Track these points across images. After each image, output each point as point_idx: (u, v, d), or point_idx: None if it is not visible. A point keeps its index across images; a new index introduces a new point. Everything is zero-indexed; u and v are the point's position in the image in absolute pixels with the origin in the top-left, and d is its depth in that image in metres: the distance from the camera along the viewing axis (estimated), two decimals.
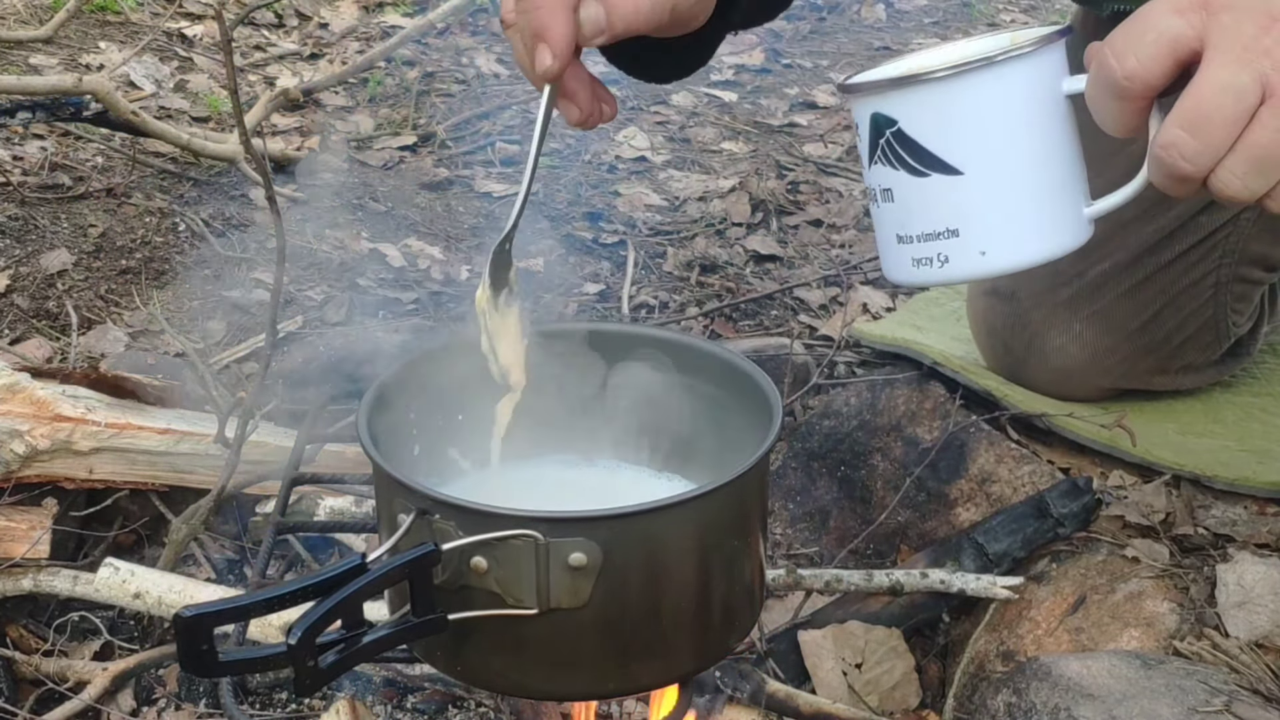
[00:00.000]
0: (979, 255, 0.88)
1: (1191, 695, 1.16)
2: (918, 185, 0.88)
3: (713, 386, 1.06)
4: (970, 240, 0.88)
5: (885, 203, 0.91)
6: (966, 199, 0.87)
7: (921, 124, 0.86)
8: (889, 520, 1.58)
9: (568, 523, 0.83)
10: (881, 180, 0.90)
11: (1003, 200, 0.87)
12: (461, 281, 2.25)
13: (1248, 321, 1.71)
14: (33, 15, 3.11)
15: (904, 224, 0.90)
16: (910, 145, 0.87)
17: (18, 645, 1.45)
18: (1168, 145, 0.79)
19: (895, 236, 0.91)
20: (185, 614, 0.77)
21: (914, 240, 0.90)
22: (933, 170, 0.87)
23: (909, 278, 0.91)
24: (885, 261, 0.94)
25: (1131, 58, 0.79)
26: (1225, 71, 0.77)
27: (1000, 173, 0.86)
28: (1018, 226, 0.88)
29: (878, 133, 0.89)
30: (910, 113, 0.87)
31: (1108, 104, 0.82)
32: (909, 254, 0.90)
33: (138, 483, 1.52)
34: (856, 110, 0.91)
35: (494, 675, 0.91)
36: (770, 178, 2.78)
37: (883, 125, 0.88)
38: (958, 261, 0.89)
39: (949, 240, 0.88)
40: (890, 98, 0.87)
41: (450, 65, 3.40)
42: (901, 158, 0.88)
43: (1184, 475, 1.57)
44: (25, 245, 2.14)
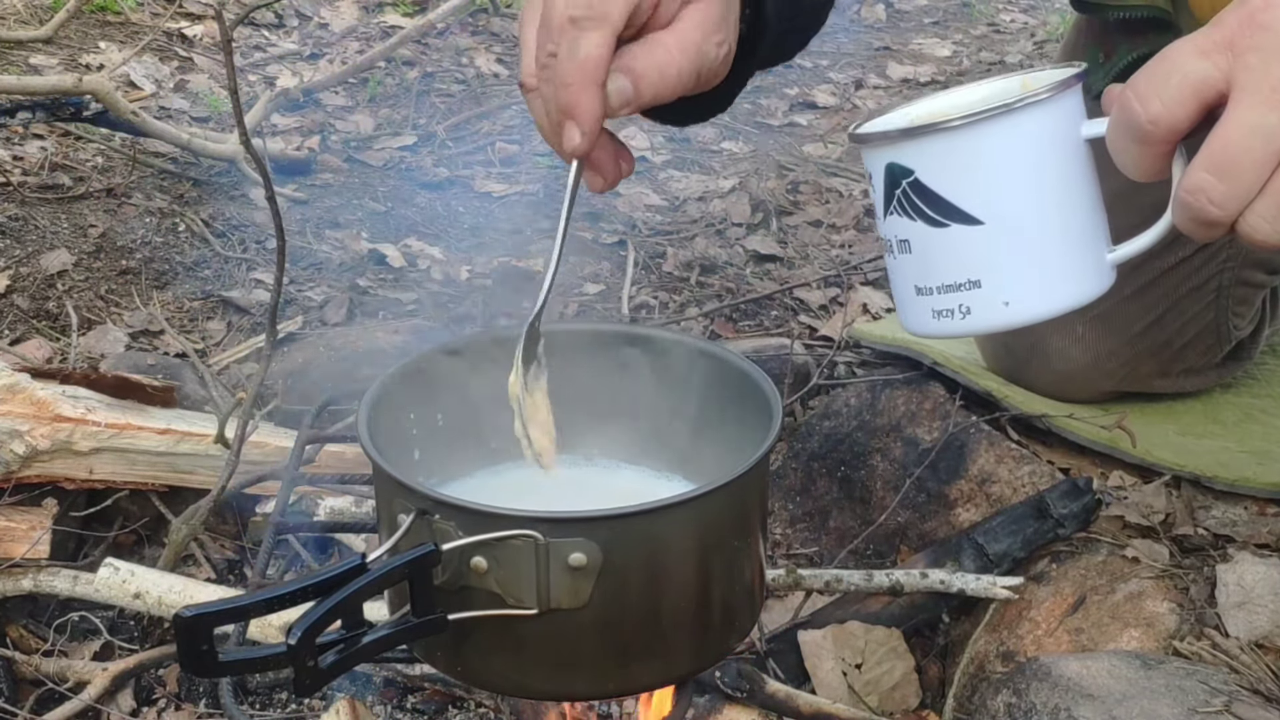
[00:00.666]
0: (1003, 306, 0.86)
1: (1191, 695, 1.16)
2: (937, 236, 0.85)
3: (713, 386, 1.06)
4: (993, 291, 0.85)
5: (902, 254, 0.88)
6: (988, 249, 0.85)
7: (939, 174, 0.84)
8: (889, 520, 1.58)
9: (568, 523, 0.83)
10: (898, 231, 0.87)
11: (1026, 250, 0.85)
12: (461, 281, 2.25)
13: (1249, 325, 1.71)
14: (33, 15, 3.11)
15: (923, 275, 0.87)
16: (928, 195, 0.85)
17: (18, 645, 1.45)
18: (1194, 190, 0.77)
19: (914, 288, 0.88)
20: (185, 614, 0.77)
21: (934, 292, 0.87)
22: (952, 221, 0.85)
23: (930, 329, 0.89)
24: (904, 313, 0.92)
25: (1156, 101, 0.77)
26: (1253, 114, 0.75)
27: (1022, 222, 0.84)
28: (1042, 276, 0.86)
29: (893, 183, 0.86)
30: (927, 162, 0.84)
31: (1130, 148, 0.79)
32: (929, 305, 0.88)
33: (138, 483, 1.52)
34: (870, 160, 0.88)
35: (494, 675, 0.90)
36: (770, 178, 2.78)
37: (898, 175, 0.86)
38: (980, 313, 0.86)
39: (971, 291, 0.86)
40: (905, 147, 0.85)
41: (450, 65, 3.40)
42: (919, 208, 0.85)
43: (1184, 476, 1.57)
44: (25, 245, 2.14)
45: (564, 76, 0.88)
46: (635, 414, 1.11)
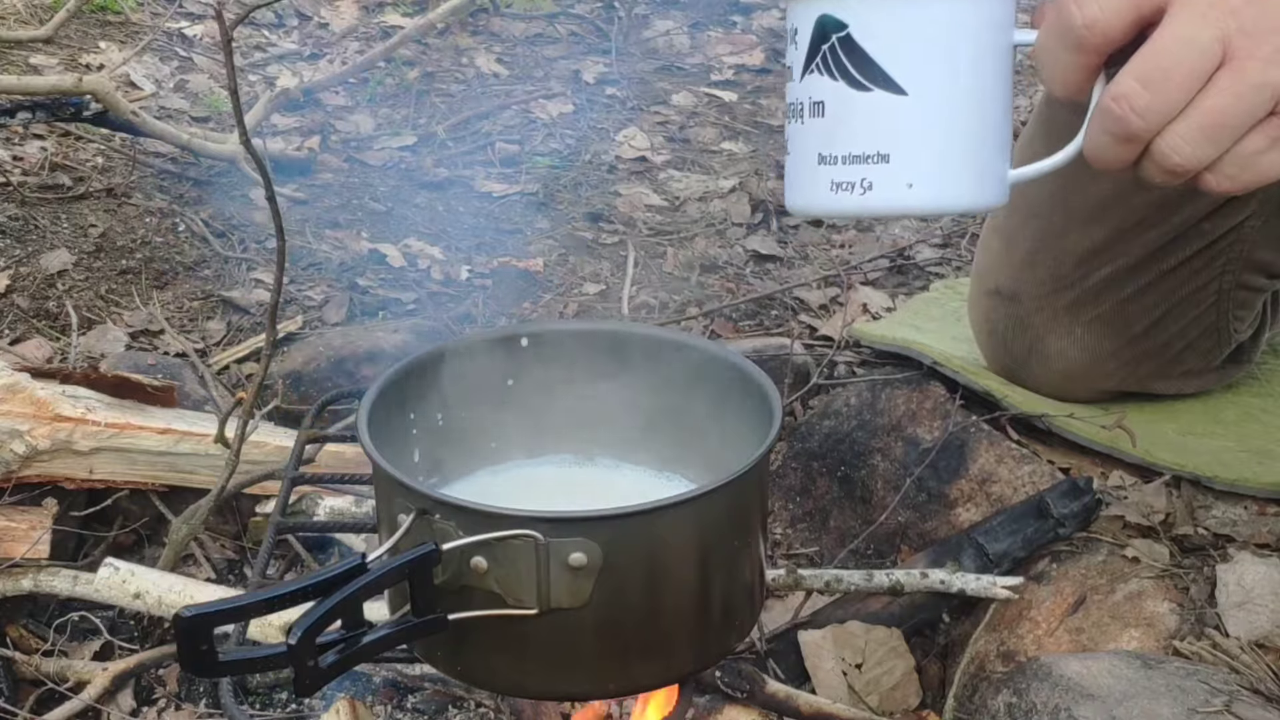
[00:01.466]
0: (905, 187, 0.83)
1: (1192, 695, 1.16)
2: (856, 100, 0.82)
3: (713, 386, 1.06)
4: (900, 169, 0.83)
5: (813, 117, 0.85)
6: (905, 123, 0.82)
7: (875, 33, 0.81)
8: (889, 520, 1.58)
9: (568, 523, 0.83)
10: (814, 92, 0.84)
11: (942, 133, 0.83)
12: (461, 281, 2.25)
13: (1249, 328, 1.71)
14: (33, 15, 3.11)
15: (830, 142, 0.84)
16: (857, 55, 0.82)
17: (18, 645, 1.45)
18: (1119, 97, 0.75)
19: (817, 155, 0.85)
20: (185, 614, 0.77)
21: (838, 161, 0.84)
22: (876, 85, 0.82)
23: (823, 204, 0.86)
24: (797, 186, 0.88)
25: (1094, 6, 0.76)
26: (1189, 27, 0.74)
27: (945, 103, 0.82)
28: (949, 166, 0.84)
29: (822, 37, 0.83)
30: (865, 19, 0.82)
31: (1060, 56, 0.78)
32: (829, 176, 0.84)
33: (138, 483, 1.52)
34: (798, 11, 0.85)
35: (494, 675, 0.91)
36: (770, 178, 2.78)
37: (829, 29, 0.83)
38: (881, 190, 0.83)
39: (878, 166, 0.83)
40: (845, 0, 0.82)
41: (450, 65, 3.40)
42: (844, 67, 0.83)
43: (1184, 476, 1.57)
44: (25, 245, 2.14)
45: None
46: (635, 414, 1.11)
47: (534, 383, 1.11)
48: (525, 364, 1.10)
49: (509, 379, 1.10)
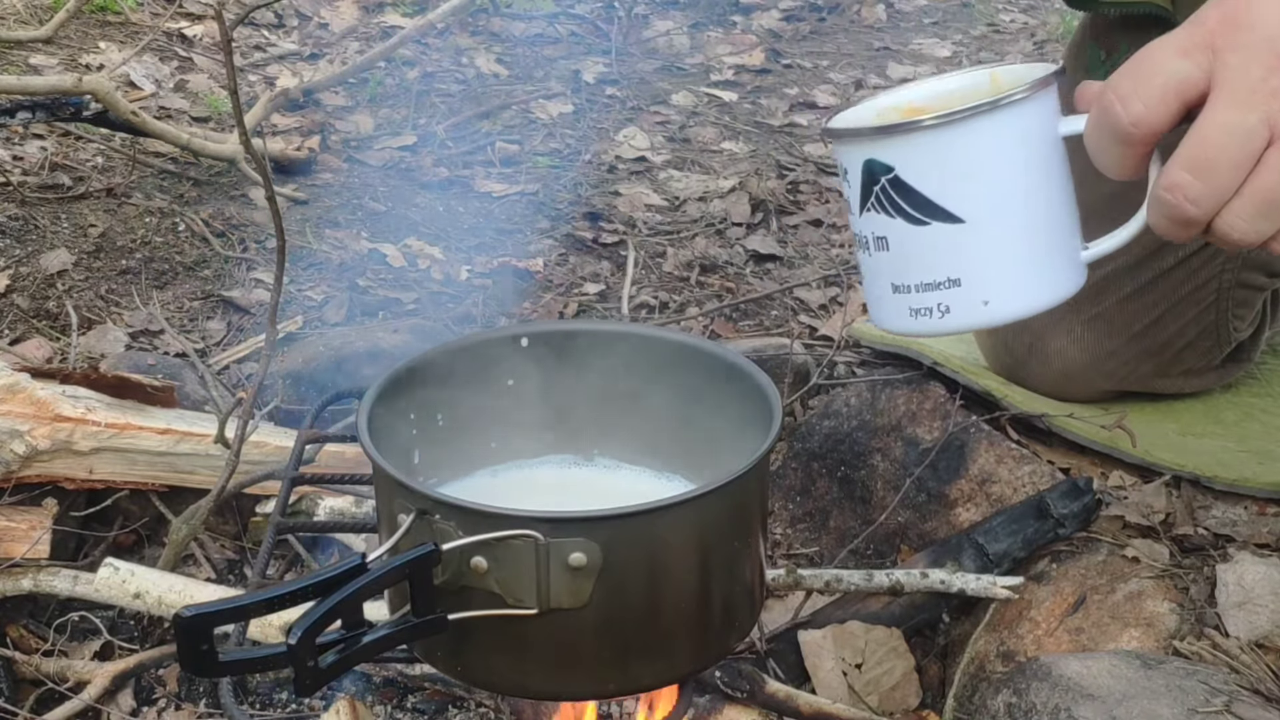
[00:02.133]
0: (982, 305, 0.85)
1: (1191, 695, 1.16)
2: (916, 234, 0.84)
3: (713, 387, 1.06)
4: (973, 290, 0.85)
5: (879, 251, 0.87)
6: (969, 248, 0.84)
7: (920, 171, 0.83)
8: (889, 520, 1.58)
9: (568, 523, 0.83)
10: (875, 228, 0.86)
11: (1006, 248, 0.84)
12: (461, 281, 2.25)
13: (1249, 327, 1.71)
14: (33, 15, 3.11)
15: (901, 273, 0.86)
16: (908, 193, 0.84)
17: (18, 645, 1.45)
18: (1172, 188, 0.76)
19: (891, 286, 0.87)
20: (185, 614, 0.77)
21: (912, 290, 0.86)
22: (933, 219, 0.83)
23: (906, 328, 0.88)
24: (878, 311, 0.90)
25: (1138, 103, 0.77)
26: (1232, 113, 0.74)
27: (1003, 220, 0.83)
28: (1021, 274, 0.85)
29: (871, 180, 0.85)
30: (908, 160, 0.83)
31: (1110, 149, 0.79)
32: (906, 304, 0.87)
33: (138, 483, 1.52)
34: (845, 156, 0.87)
35: (494, 675, 0.91)
36: (770, 178, 2.78)
37: (877, 172, 0.84)
38: (959, 311, 0.85)
39: (950, 290, 0.85)
40: (885, 144, 0.84)
41: (450, 65, 3.40)
42: (899, 205, 0.84)
43: (1184, 476, 1.57)
44: (25, 245, 2.14)
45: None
46: (635, 414, 1.11)
47: (534, 383, 1.10)
48: (525, 364, 1.10)
49: (509, 379, 1.10)
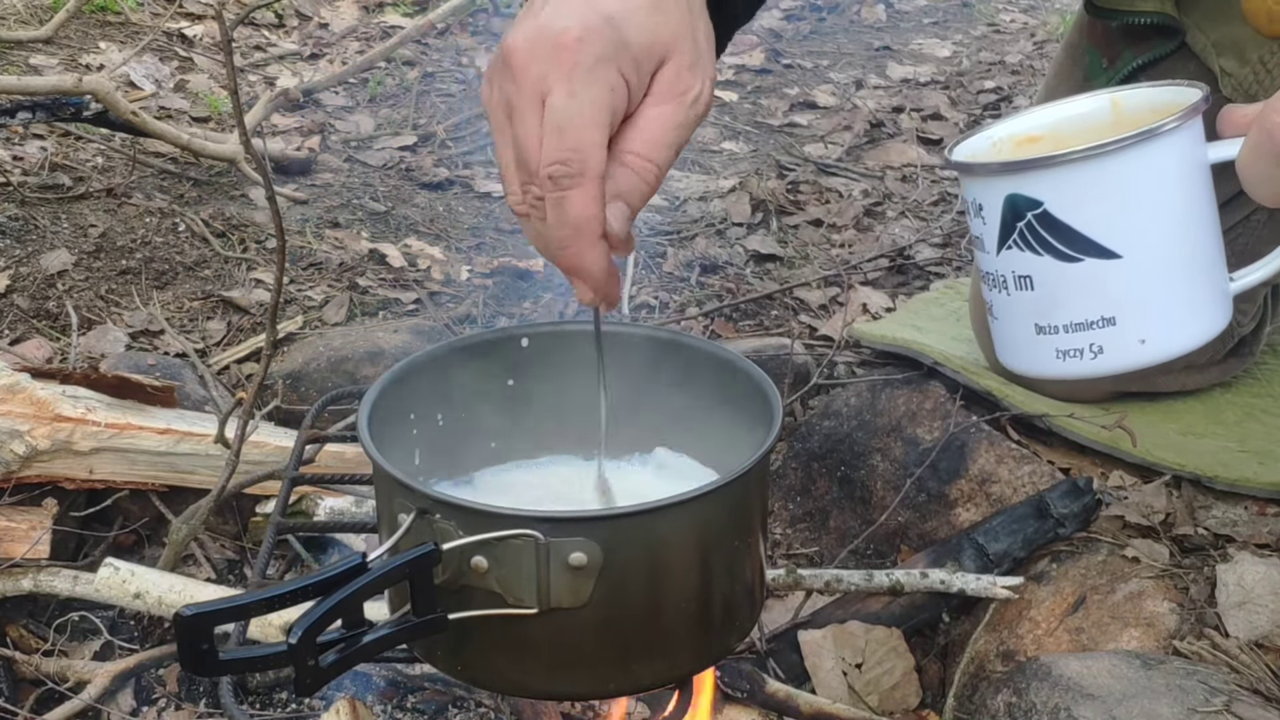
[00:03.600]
0: (1138, 344, 0.82)
1: (1191, 695, 1.16)
2: (1067, 271, 0.81)
3: (713, 387, 1.06)
4: (1129, 329, 0.81)
5: (1021, 290, 0.83)
6: (1126, 285, 0.80)
7: (1074, 205, 0.79)
8: (889, 520, 1.58)
9: (568, 522, 0.83)
10: (1018, 266, 0.82)
11: (1163, 283, 0.81)
12: (461, 281, 2.25)
13: (1251, 322, 1.71)
14: (33, 15, 3.11)
15: (1047, 314, 0.82)
16: (1058, 228, 0.80)
17: (18, 645, 1.45)
18: None
19: (1034, 326, 0.83)
20: (185, 613, 0.77)
21: (1060, 331, 0.82)
22: (1086, 255, 0.80)
23: (1051, 370, 0.84)
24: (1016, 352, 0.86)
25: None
26: None
27: (1160, 253, 0.80)
28: (1178, 309, 0.82)
29: (1015, 216, 0.81)
30: (1059, 194, 0.79)
31: (1274, 175, 0.77)
32: (1052, 345, 0.83)
33: (138, 483, 1.52)
34: (980, 190, 0.83)
35: (494, 675, 0.90)
36: (770, 178, 2.78)
37: (1022, 208, 0.81)
38: (1114, 352, 0.82)
39: (1104, 330, 0.81)
40: (1033, 178, 0.80)
41: (450, 65, 3.41)
42: (1047, 242, 0.80)
43: (1184, 476, 1.57)
44: (25, 245, 2.14)
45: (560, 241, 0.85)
46: (635, 414, 1.11)
47: (535, 383, 1.10)
48: (526, 364, 1.10)
49: (510, 379, 1.10)
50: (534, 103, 0.84)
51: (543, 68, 0.83)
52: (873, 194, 2.75)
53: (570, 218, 0.84)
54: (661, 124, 0.86)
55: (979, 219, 0.84)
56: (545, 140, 0.83)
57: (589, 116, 0.82)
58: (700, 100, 0.88)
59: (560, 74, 0.82)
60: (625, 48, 0.84)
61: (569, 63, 0.82)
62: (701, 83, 0.88)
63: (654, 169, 0.86)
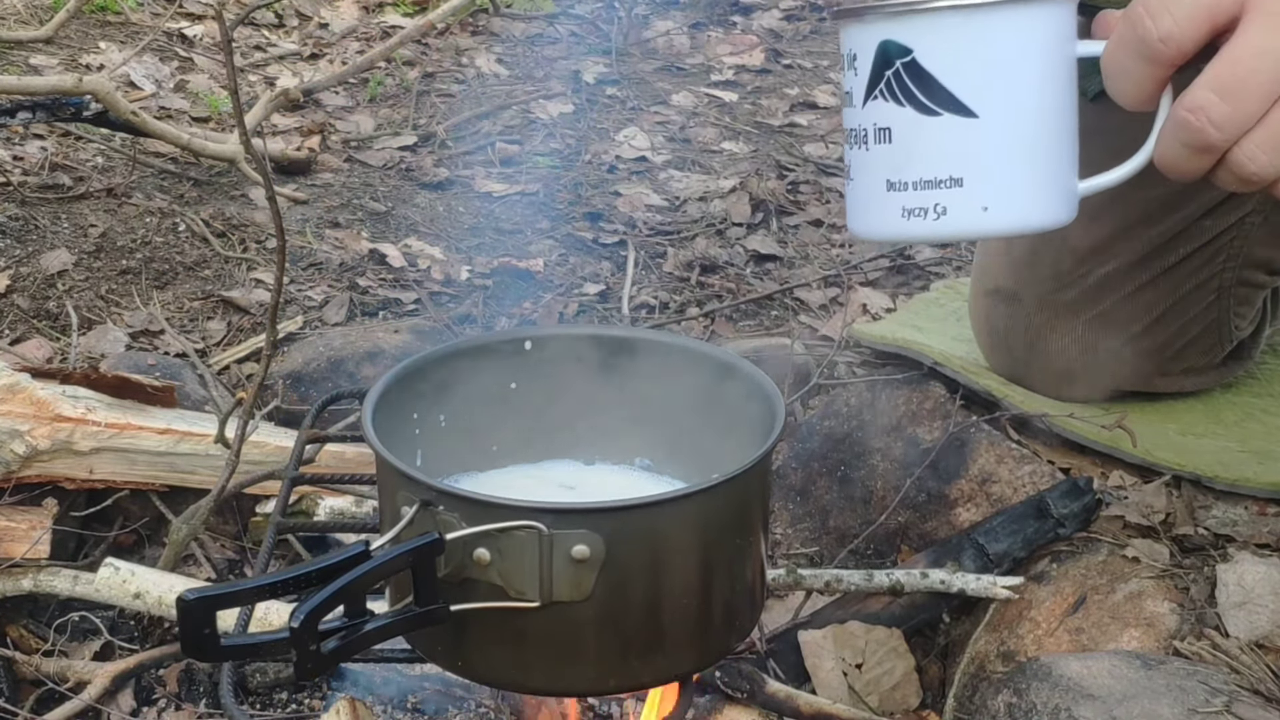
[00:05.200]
0: (980, 210, 0.82)
1: (1192, 695, 1.16)
2: (925, 125, 0.81)
3: (714, 389, 1.06)
4: (974, 192, 0.81)
5: (879, 144, 0.83)
6: (978, 145, 0.80)
7: (942, 56, 0.79)
8: (889, 520, 1.58)
9: (571, 514, 0.84)
10: (880, 118, 0.82)
11: (1015, 153, 0.81)
12: (461, 281, 2.25)
13: (1250, 325, 1.71)
14: (33, 15, 3.11)
15: (900, 168, 0.82)
16: (924, 79, 0.80)
17: (18, 645, 1.45)
18: (1195, 109, 0.74)
19: (885, 182, 0.83)
20: (188, 596, 0.77)
21: (909, 187, 0.82)
22: (945, 109, 0.80)
23: (894, 231, 0.84)
24: (865, 213, 0.86)
25: (1168, 18, 0.75)
26: (1266, 37, 0.73)
27: (1017, 122, 0.80)
28: (1024, 184, 0.82)
29: (885, 63, 0.81)
30: (931, 43, 0.79)
31: (1133, 68, 0.77)
32: (900, 203, 0.83)
33: (138, 483, 1.51)
34: (857, 37, 0.83)
35: (495, 670, 0.91)
36: (770, 178, 2.78)
37: (893, 55, 0.81)
38: (956, 214, 0.82)
39: (951, 190, 0.81)
40: (908, 24, 0.80)
41: (450, 65, 3.41)
42: (911, 93, 0.81)
43: (1184, 476, 1.57)
44: (25, 245, 2.14)
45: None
46: (637, 417, 1.11)
47: (537, 386, 1.10)
48: (528, 367, 1.10)
49: (512, 382, 1.10)
50: None
51: None
52: None
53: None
54: None
55: (851, 70, 0.85)
56: None
57: None
58: None
59: None
60: None
61: None
62: None
63: None
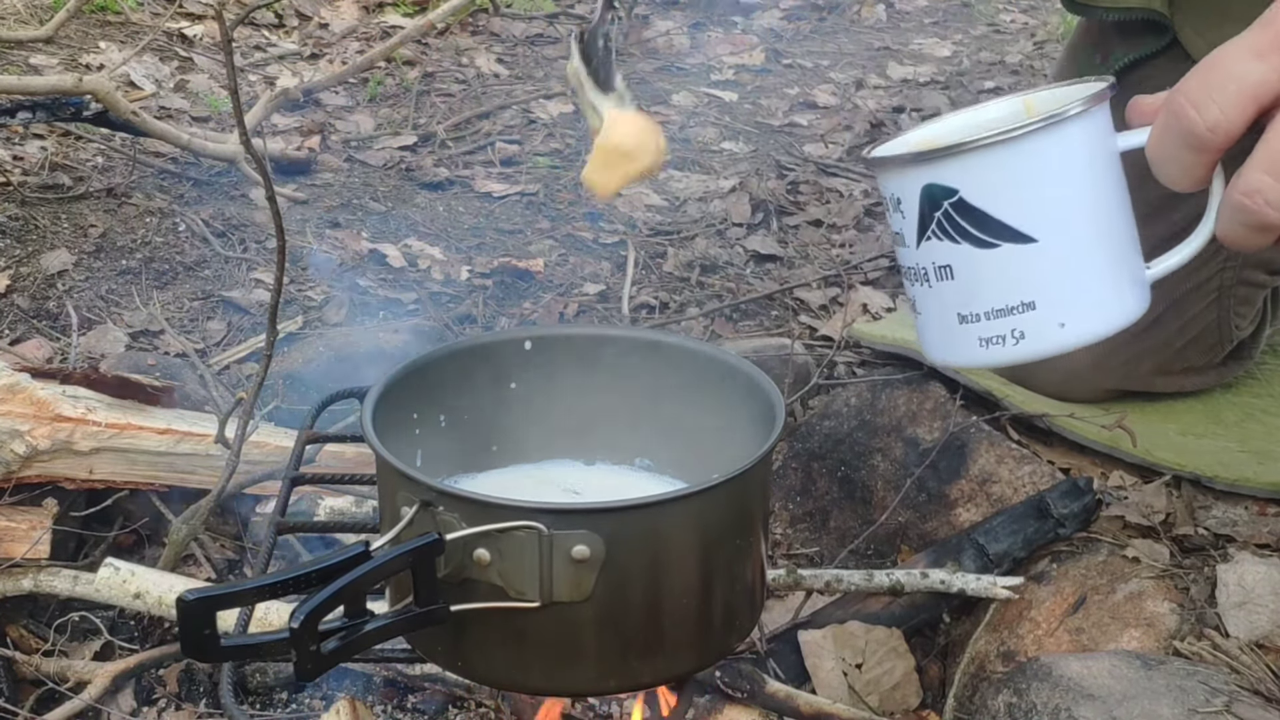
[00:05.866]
0: (1058, 328, 0.82)
1: (1192, 696, 1.16)
2: (986, 258, 0.81)
3: (715, 390, 1.06)
4: (1048, 312, 0.82)
5: (942, 281, 0.84)
6: (1043, 268, 0.81)
7: (989, 191, 0.80)
8: (889, 520, 1.58)
9: (571, 514, 0.84)
10: (938, 257, 0.83)
11: (1080, 266, 0.82)
12: (461, 281, 2.25)
13: (1250, 325, 1.71)
14: (33, 15, 3.11)
15: (969, 302, 0.83)
16: (974, 215, 0.81)
17: (18, 645, 1.45)
18: (1251, 192, 0.75)
19: (957, 316, 0.84)
20: (188, 597, 0.77)
21: (981, 318, 0.83)
22: (1003, 240, 0.80)
23: (976, 359, 0.85)
24: (944, 344, 0.87)
25: (1214, 108, 0.75)
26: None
27: (1076, 236, 0.81)
28: (1095, 293, 0.83)
29: (932, 205, 0.82)
30: (975, 180, 0.80)
31: (1180, 157, 0.77)
32: (975, 333, 0.83)
33: (138, 483, 1.51)
34: (896, 184, 0.84)
35: (495, 670, 0.91)
36: (770, 178, 2.78)
37: (939, 197, 0.81)
38: (1035, 336, 0.82)
39: (1024, 315, 0.82)
40: (946, 166, 0.80)
41: (450, 65, 3.41)
42: (965, 230, 0.81)
43: (1184, 476, 1.57)
44: (25, 245, 2.14)
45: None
46: (637, 418, 1.11)
47: (537, 386, 1.10)
48: (528, 367, 1.10)
49: (512, 382, 1.10)
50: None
51: None
52: (873, 194, 2.75)
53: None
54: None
55: (898, 214, 0.85)
56: None
57: None
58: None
59: None
60: None
61: None
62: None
63: None
